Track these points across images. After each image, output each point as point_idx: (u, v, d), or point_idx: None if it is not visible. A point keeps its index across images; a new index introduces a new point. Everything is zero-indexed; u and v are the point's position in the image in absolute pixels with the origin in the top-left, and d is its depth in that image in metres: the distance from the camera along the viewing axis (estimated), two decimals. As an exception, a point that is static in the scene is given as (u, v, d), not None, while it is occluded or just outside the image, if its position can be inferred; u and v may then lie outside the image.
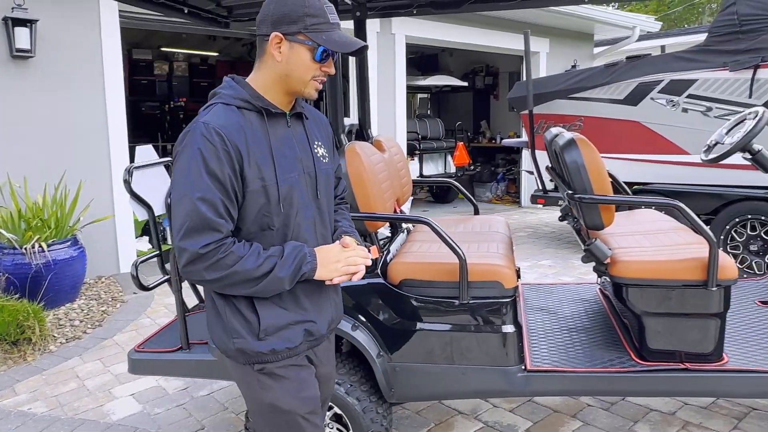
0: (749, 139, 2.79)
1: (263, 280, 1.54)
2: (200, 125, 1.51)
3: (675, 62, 5.52)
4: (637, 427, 3.00)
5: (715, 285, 2.28)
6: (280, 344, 1.64)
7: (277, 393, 1.67)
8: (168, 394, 3.60)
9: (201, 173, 1.48)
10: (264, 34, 1.58)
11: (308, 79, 1.60)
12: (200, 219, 1.48)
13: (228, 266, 1.51)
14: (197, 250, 1.48)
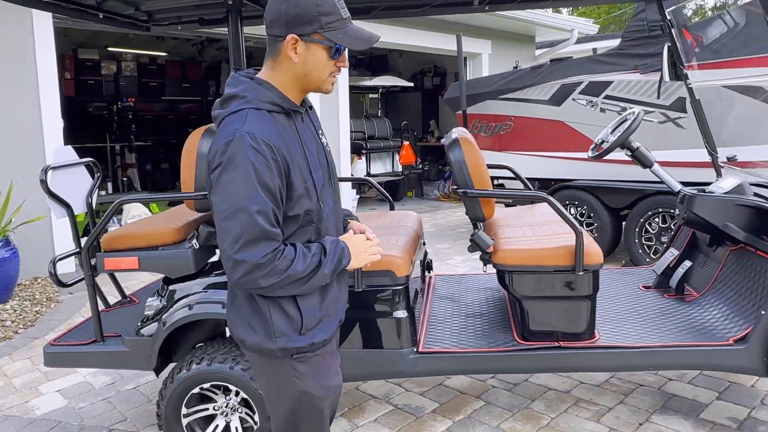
0: (626, 136, 3.06)
1: (311, 278, 1.59)
2: (246, 136, 1.49)
3: (593, 65, 5.83)
4: (534, 405, 3.24)
5: (582, 270, 2.52)
6: (319, 336, 1.71)
7: (311, 381, 1.73)
8: (94, 389, 3.69)
9: (255, 185, 1.48)
10: (278, 35, 1.56)
11: (326, 77, 1.62)
12: (258, 231, 1.49)
13: (282, 271, 1.53)
14: (258, 261, 1.49)
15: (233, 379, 2.61)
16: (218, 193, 1.52)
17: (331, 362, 1.81)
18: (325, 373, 1.77)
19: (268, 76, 1.62)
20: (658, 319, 2.86)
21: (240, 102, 1.58)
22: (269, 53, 1.62)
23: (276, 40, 1.58)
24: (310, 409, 1.76)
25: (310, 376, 1.73)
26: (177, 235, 2.81)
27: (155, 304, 2.80)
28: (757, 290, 2.62)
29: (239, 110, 1.57)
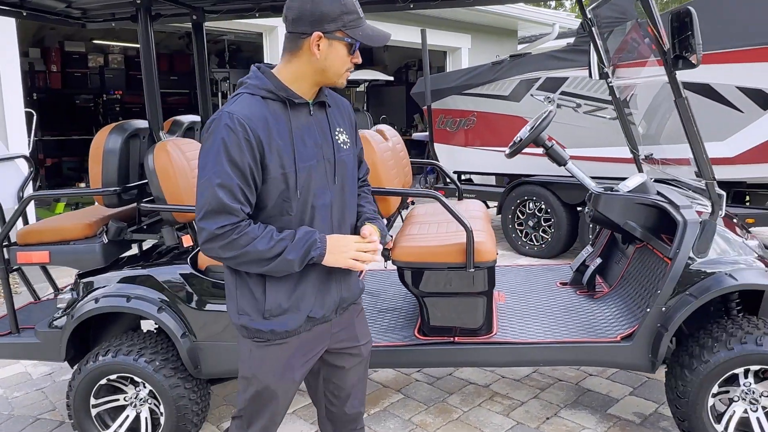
0: (536, 134, 3.09)
1: (274, 261, 1.64)
2: (225, 115, 1.61)
3: (550, 61, 5.84)
4: (450, 399, 3.29)
5: (473, 267, 2.56)
6: (280, 326, 1.74)
7: (260, 365, 1.79)
8: (32, 379, 3.77)
9: (222, 161, 1.60)
10: (302, 32, 1.64)
11: (343, 71, 1.70)
12: (218, 203, 1.60)
13: (242, 246, 1.62)
14: (214, 231, 1.61)
15: (137, 370, 2.68)
16: (198, 163, 1.66)
17: (292, 357, 1.80)
18: (280, 364, 1.79)
19: (278, 69, 1.73)
20: (562, 316, 2.90)
21: (241, 88, 1.72)
22: (288, 48, 1.70)
23: (300, 36, 1.66)
24: (261, 393, 1.82)
25: (264, 362, 1.79)
26: (88, 230, 2.87)
27: (67, 298, 2.86)
28: (650, 288, 2.66)
29: (237, 94, 1.70)
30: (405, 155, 3.58)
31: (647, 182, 2.87)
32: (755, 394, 2.47)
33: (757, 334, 2.41)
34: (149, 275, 2.75)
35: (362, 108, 12.50)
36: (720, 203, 2.45)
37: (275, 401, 1.84)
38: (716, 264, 2.46)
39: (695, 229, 2.49)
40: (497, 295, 3.22)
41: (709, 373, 2.42)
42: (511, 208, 6.23)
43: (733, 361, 2.40)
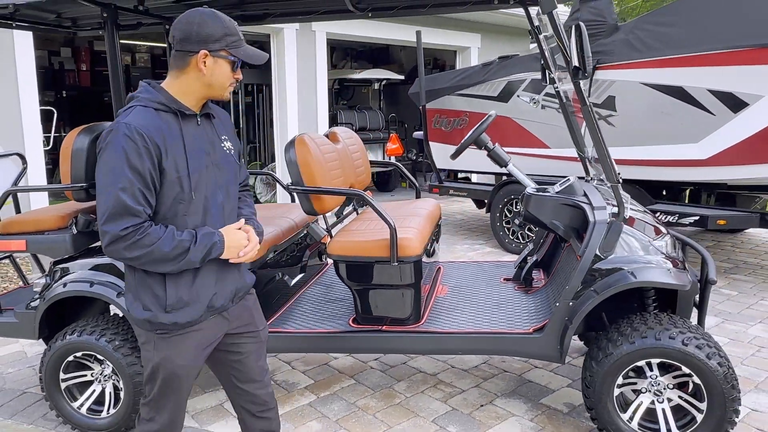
0: (475, 136, 3.26)
1: (177, 261, 1.81)
2: (122, 125, 1.74)
3: (535, 63, 5.95)
4: (397, 386, 3.50)
5: (396, 261, 2.76)
6: (182, 318, 1.89)
7: (164, 355, 1.94)
8: (26, 357, 4.12)
9: (123, 167, 1.73)
10: (190, 51, 1.82)
11: (227, 85, 1.89)
12: (121, 206, 1.72)
13: (145, 246, 1.75)
14: (118, 233, 1.73)
15: (99, 349, 2.96)
16: (97, 173, 1.80)
17: (195, 343, 1.97)
18: (182, 353, 1.95)
19: (167, 83, 1.90)
20: (490, 309, 3.08)
21: (133, 102, 1.86)
22: (176, 65, 1.86)
23: (188, 54, 1.84)
24: (167, 379, 1.97)
25: (168, 352, 1.94)
26: (61, 221, 3.17)
27: (42, 282, 3.18)
28: (565, 284, 2.81)
29: (129, 107, 1.85)
30: (360, 156, 3.79)
31: (574, 183, 3.02)
32: (660, 386, 2.62)
33: (658, 329, 2.56)
34: (112, 263, 3.04)
35: (380, 105, 12.72)
36: (624, 205, 2.59)
37: (180, 386, 2.02)
38: (620, 262, 2.61)
39: (602, 229, 2.64)
40: (440, 289, 3.41)
41: (613, 365, 2.58)
42: (499, 207, 6.37)
43: (634, 354, 2.55)
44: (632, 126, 5.24)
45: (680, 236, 3.03)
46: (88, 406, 3.09)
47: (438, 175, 7.25)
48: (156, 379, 2.00)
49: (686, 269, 2.70)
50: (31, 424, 3.22)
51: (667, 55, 4.85)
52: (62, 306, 3.28)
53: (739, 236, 7.08)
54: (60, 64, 12.61)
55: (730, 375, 2.48)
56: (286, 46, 8.33)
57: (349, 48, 13.94)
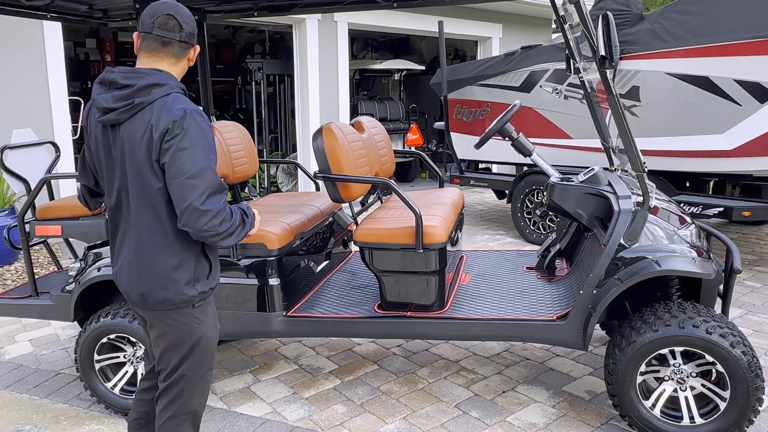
0: (500, 125, 3.29)
1: (238, 234, 1.99)
2: (194, 112, 1.88)
3: (558, 53, 5.93)
4: (420, 371, 3.56)
5: (422, 248, 2.81)
6: (214, 282, 2.10)
7: (207, 324, 2.08)
8: (59, 340, 4.25)
9: (211, 149, 1.90)
10: (191, 44, 2.00)
11: None
12: (218, 183, 1.90)
13: (229, 219, 1.93)
14: (219, 208, 1.88)
15: (131, 331, 3.06)
16: (179, 158, 1.84)
17: (214, 308, 2.18)
18: (214, 317, 2.15)
19: (171, 70, 1.98)
20: (514, 296, 3.11)
21: (164, 88, 1.89)
22: (176, 54, 1.97)
23: (189, 46, 2.00)
24: (206, 349, 2.10)
25: (209, 321, 2.10)
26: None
27: (77, 266, 3.28)
28: (589, 272, 2.84)
29: (169, 93, 1.89)
30: (385, 146, 3.83)
31: (599, 173, 3.03)
32: (683, 374, 2.64)
33: (681, 317, 2.57)
34: (144, 248, 3.13)
35: (400, 96, 12.72)
36: (650, 194, 2.61)
37: (214, 350, 2.16)
38: (644, 251, 2.63)
39: (627, 218, 2.66)
40: (463, 277, 3.45)
41: (636, 352, 2.60)
42: (520, 197, 6.38)
43: (657, 342, 2.57)
44: (657, 116, 5.21)
45: (704, 226, 3.03)
46: (121, 387, 3.19)
47: (459, 165, 7.27)
48: (198, 353, 2.07)
49: (711, 258, 2.71)
50: (66, 403, 3.34)
51: (693, 45, 4.81)
52: (96, 290, 3.39)
53: (763, 228, 7.00)
54: (85, 55, 12.80)
55: (754, 363, 2.49)
56: (308, 37, 8.38)
57: (370, 38, 13.95)
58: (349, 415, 3.09)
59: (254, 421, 3.06)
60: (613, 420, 2.95)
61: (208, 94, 3.93)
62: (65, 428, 3.08)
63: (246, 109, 14.43)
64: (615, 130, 3.55)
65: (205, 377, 2.14)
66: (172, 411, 2.09)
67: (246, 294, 3.00)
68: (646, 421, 2.65)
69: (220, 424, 3.06)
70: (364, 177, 2.99)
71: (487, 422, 2.98)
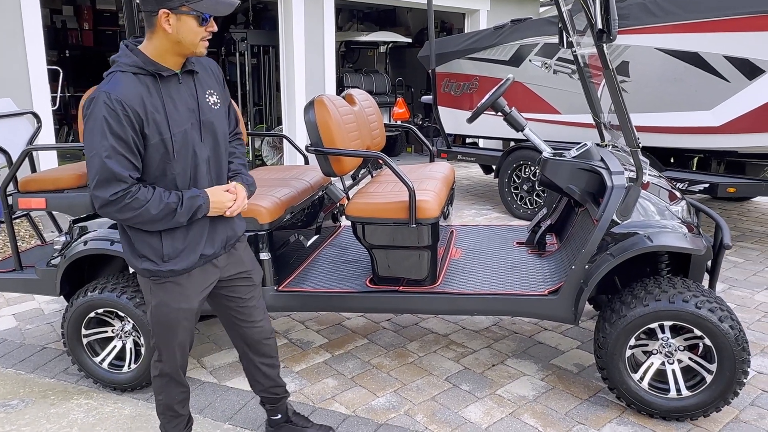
0: (493, 99, 3.26)
1: (165, 222, 1.96)
2: (103, 95, 1.82)
3: (548, 26, 5.88)
4: (410, 345, 3.57)
5: (414, 223, 2.80)
6: (178, 266, 2.05)
7: (160, 300, 2.11)
8: (44, 314, 4.20)
9: (106, 135, 1.82)
10: (151, 11, 1.85)
11: (198, 41, 1.91)
12: (107, 173, 1.83)
13: (134, 209, 1.88)
14: (107, 198, 1.86)
15: (120, 306, 3.02)
16: (84, 141, 1.89)
17: (187, 289, 2.12)
18: (176, 297, 2.11)
19: (143, 45, 1.94)
20: (505, 271, 3.12)
21: (114, 66, 1.92)
22: (147, 26, 1.91)
23: (150, 15, 1.87)
24: (162, 322, 2.14)
25: (164, 297, 2.10)
26: (79, 180, 3.20)
27: (62, 240, 3.22)
28: (580, 247, 2.85)
29: (110, 73, 1.91)
30: (376, 119, 3.78)
31: (591, 148, 3.03)
32: (671, 347, 2.68)
33: (672, 292, 2.60)
34: (131, 222, 3.07)
35: (386, 69, 12.58)
36: (643, 170, 2.61)
37: (180, 329, 2.17)
38: (636, 226, 2.64)
39: (620, 194, 2.66)
40: (454, 252, 3.45)
41: (626, 327, 2.63)
42: (507, 173, 6.38)
43: (646, 317, 2.60)
44: (645, 92, 5.21)
45: (694, 202, 3.06)
46: (109, 361, 3.16)
47: (446, 140, 7.24)
48: (157, 324, 2.17)
49: (700, 234, 2.73)
50: (53, 378, 3.31)
51: (684, 20, 4.79)
52: (82, 264, 3.33)
53: (745, 204, 7.10)
54: (62, 23, 12.44)
55: (741, 337, 2.53)
56: (293, 7, 8.21)
57: (356, 9, 13.72)
58: (340, 388, 3.10)
59: (245, 395, 3.06)
60: (601, 392, 3.00)
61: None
62: (53, 403, 3.05)
63: (229, 80, 14.19)
64: (606, 106, 3.55)
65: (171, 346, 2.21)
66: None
67: (236, 268, 2.96)
68: (635, 393, 2.70)
69: (211, 398, 3.05)
70: (357, 151, 2.96)
71: (477, 395, 3.01)
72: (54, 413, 2.95)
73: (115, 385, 3.14)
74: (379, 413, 2.87)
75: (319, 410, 2.89)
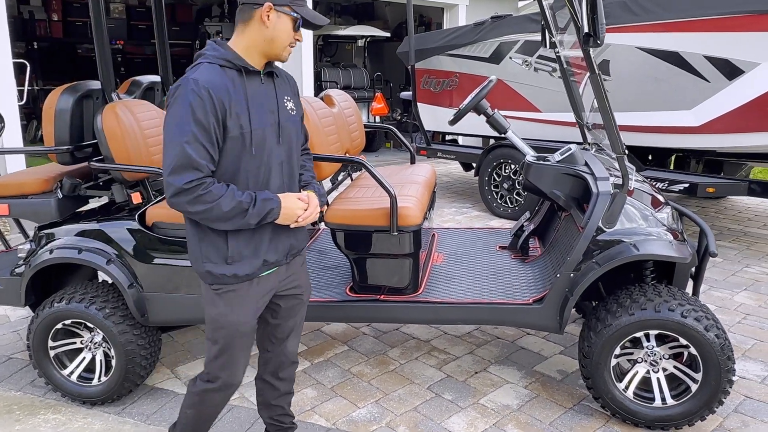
0: (476, 101, 3.18)
1: (234, 221, 1.88)
2: (190, 81, 1.80)
3: (528, 24, 5.82)
4: (391, 352, 3.50)
5: (396, 231, 2.71)
6: (241, 270, 1.97)
7: (220, 311, 2.01)
8: (10, 322, 4.03)
9: (189, 121, 1.78)
10: (255, 3, 1.86)
11: (287, 44, 1.93)
12: (186, 159, 1.78)
13: (206, 202, 1.82)
14: (182, 185, 1.79)
15: (88, 317, 2.89)
16: (164, 125, 1.83)
17: (250, 298, 2.03)
18: (237, 308, 2.02)
19: (232, 41, 1.94)
20: (488, 278, 3.06)
21: (200, 59, 1.91)
22: (241, 19, 1.90)
23: (252, 7, 1.87)
24: (220, 334, 2.03)
25: (229, 306, 2.01)
26: (45, 185, 3.05)
27: (26, 248, 3.07)
28: (565, 254, 2.80)
29: (197, 64, 1.89)
30: (355, 120, 3.69)
31: (575, 152, 2.97)
32: (656, 356, 2.64)
33: (657, 301, 2.56)
34: (100, 229, 2.94)
35: (365, 63, 12.46)
36: (629, 176, 2.56)
37: (241, 339, 2.06)
38: (622, 234, 2.59)
39: (606, 201, 2.61)
40: (436, 257, 3.38)
41: (611, 336, 2.59)
42: (487, 171, 6.33)
43: (632, 326, 2.56)
44: (626, 91, 5.19)
45: (678, 207, 3.02)
46: (78, 374, 3.03)
47: (426, 137, 7.16)
48: (217, 339, 2.05)
49: (685, 241, 2.70)
50: (19, 391, 3.16)
51: (665, 20, 4.77)
52: (48, 272, 3.19)
53: (722, 202, 7.16)
54: (30, 14, 12.06)
55: (727, 347, 2.50)
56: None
57: (333, 2, 13.54)
58: (320, 399, 3.02)
59: (221, 408, 2.96)
60: (585, 401, 2.96)
61: (166, 58, 3.69)
62: (18, 418, 2.91)
63: (204, 74, 13.92)
64: (587, 104, 3.50)
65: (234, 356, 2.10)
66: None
67: (211, 277, 2.85)
68: (620, 403, 2.66)
69: (186, 411, 2.94)
70: (337, 156, 2.86)
71: (460, 405, 2.95)
72: (19, 430, 2.82)
73: (84, 398, 3.01)
74: (360, 425, 2.79)
75: (299, 423, 2.80)
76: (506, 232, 3.81)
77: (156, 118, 3.16)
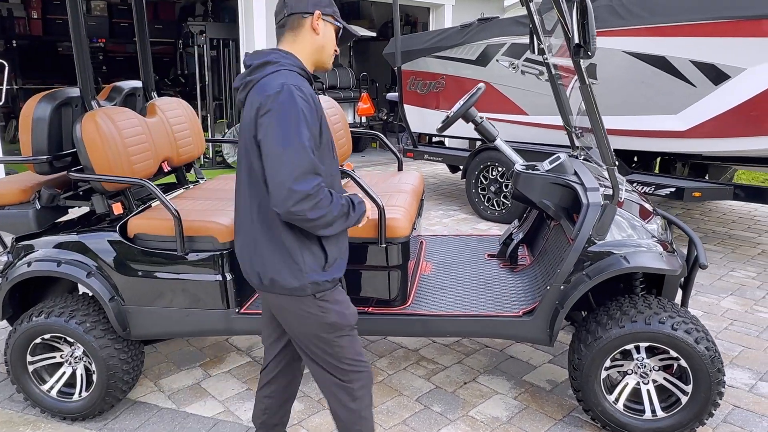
0: (464, 109, 3.15)
1: (337, 226, 1.86)
2: (293, 87, 1.76)
3: (515, 26, 5.80)
4: (379, 362, 3.45)
5: (385, 242, 2.67)
6: (337, 273, 1.97)
7: (335, 313, 1.97)
8: (-12, 333, 3.93)
9: (305, 126, 1.75)
10: (305, 12, 1.88)
11: (332, 53, 1.97)
12: (310, 163, 1.74)
13: (324, 206, 1.79)
14: (309, 191, 1.73)
15: (69, 331, 2.81)
16: (271, 134, 1.75)
17: (343, 295, 2.04)
18: (345, 305, 2.02)
19: (291, 49, 1.92)
20: (477, 289, 3.03)
21: (274, 66, 1.85)
22: (291, 28, 1.91)
23: (302, 15, 1.89)
24: (338, 336, 2.00)
25: (336, 310, 1.98)
26: (22, 195, 2.96)
27: (3, 260, 2.98)
28: (556, 266, 2.77)
29: (276, 71, 1.83)
30: (342, 127, 3.63)
31: (565, 161, 2.95)
32: (646, 368, 2.63)
33: (648, 313, 2.54)
34: (80, 241, 2.86)
35: (350, 63, 12.39)
36: (619, 188, 2.54)
37: (351, 337, 2.04)
38: (613, 246, 2.57)
39: (596, 212, 2.58)
40: (424, 266, 3.34)
41: (601, 349, 2.57)
42: (474, 173, 6.30)
43: (623, 338, 2.54)
44: (612, 95, 5.18)
45: (667, 215, 3.01)
46: (58, 389, 2.96)
47: (412, 139, 7.12)
48: (340, 333, 1.99)
49: (675, 252, 2.68)
50: (-3, 406, 3.08)
51: (652, 24, 4.76)
52: (26, 284, 3.11)
53: (707, 204, 7.20)
54: (8, 11, 11.82)
55: (717, 359, 2.49)
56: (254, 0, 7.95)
57: None
58: (307, 413, 2.97)
59: (206, 422, 2.90)
60: (574, 412, 2.94)
61: (147, 62, 3.60)
62: (-4, 436, 2.83)
63: (187, 73, 13.76)
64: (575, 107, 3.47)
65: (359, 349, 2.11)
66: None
67: (196, 290, 2.79)
68: (610, 415, 2.64)
69: (170, 426, 2.88)
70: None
71: (449, 417, 2.91)
72: (-4, 449, 2.74)
73: (64, 414, 2.94)
74: (348, 440, 2.74)
75: (285, 438, 2.74)
76: (495, 239, 3.78)
77: (137, 126, 3.08)
